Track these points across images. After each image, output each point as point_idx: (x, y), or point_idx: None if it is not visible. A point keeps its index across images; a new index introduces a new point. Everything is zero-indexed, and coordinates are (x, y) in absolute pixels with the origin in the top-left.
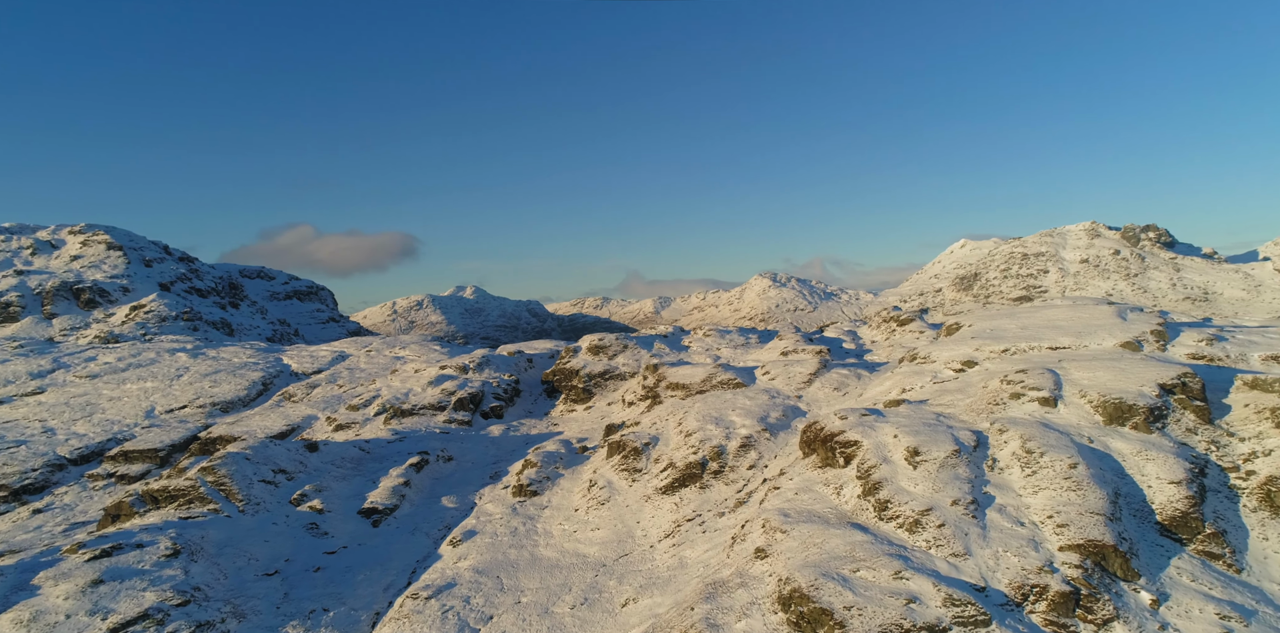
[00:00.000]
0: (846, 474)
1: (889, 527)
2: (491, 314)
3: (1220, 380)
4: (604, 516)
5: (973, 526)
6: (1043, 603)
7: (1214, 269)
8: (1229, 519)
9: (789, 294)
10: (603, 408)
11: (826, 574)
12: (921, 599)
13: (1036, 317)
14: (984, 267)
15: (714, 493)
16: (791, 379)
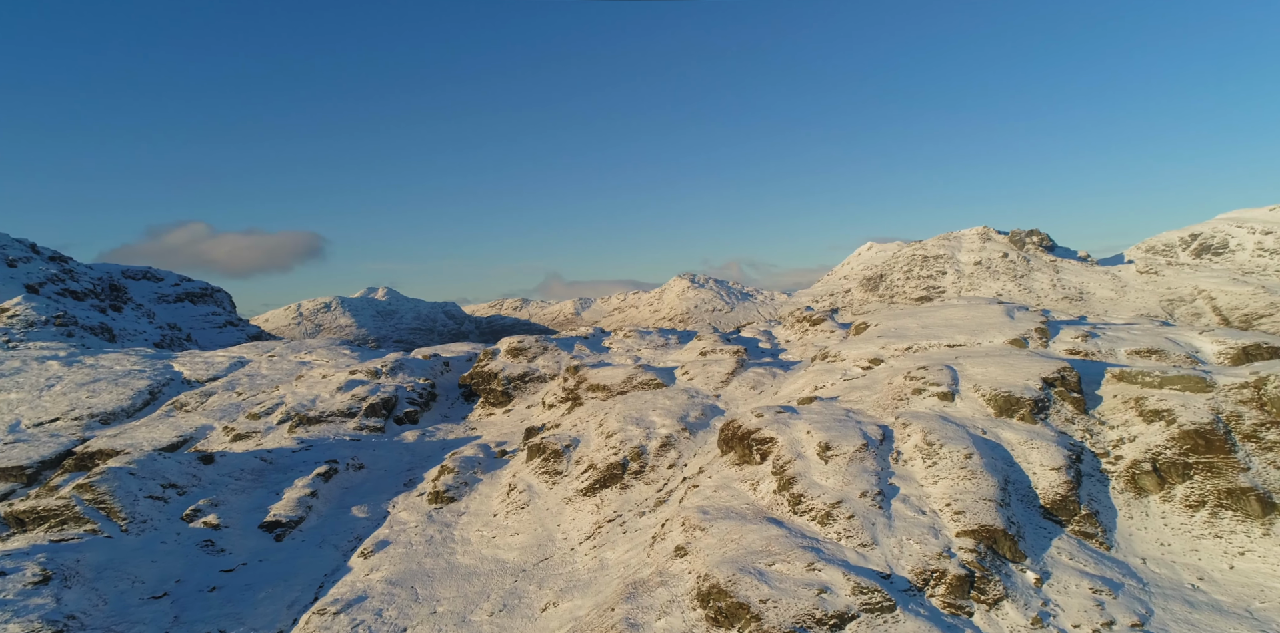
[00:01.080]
0: (763, 471)
1: (803, 520)
2: (405, 317)
3: (1093, 373)
4: (524, 520)
5: (879, 516)
6: (942, 587)
7: (1088, 271)
8: (1101, 501)
9: (707, 295)
10: (522, 411)
11: (744, 569)
12: (832, 589)
13: (936, 316)
14: (889, 268)
15: (635, 493)
16: (710, 379)
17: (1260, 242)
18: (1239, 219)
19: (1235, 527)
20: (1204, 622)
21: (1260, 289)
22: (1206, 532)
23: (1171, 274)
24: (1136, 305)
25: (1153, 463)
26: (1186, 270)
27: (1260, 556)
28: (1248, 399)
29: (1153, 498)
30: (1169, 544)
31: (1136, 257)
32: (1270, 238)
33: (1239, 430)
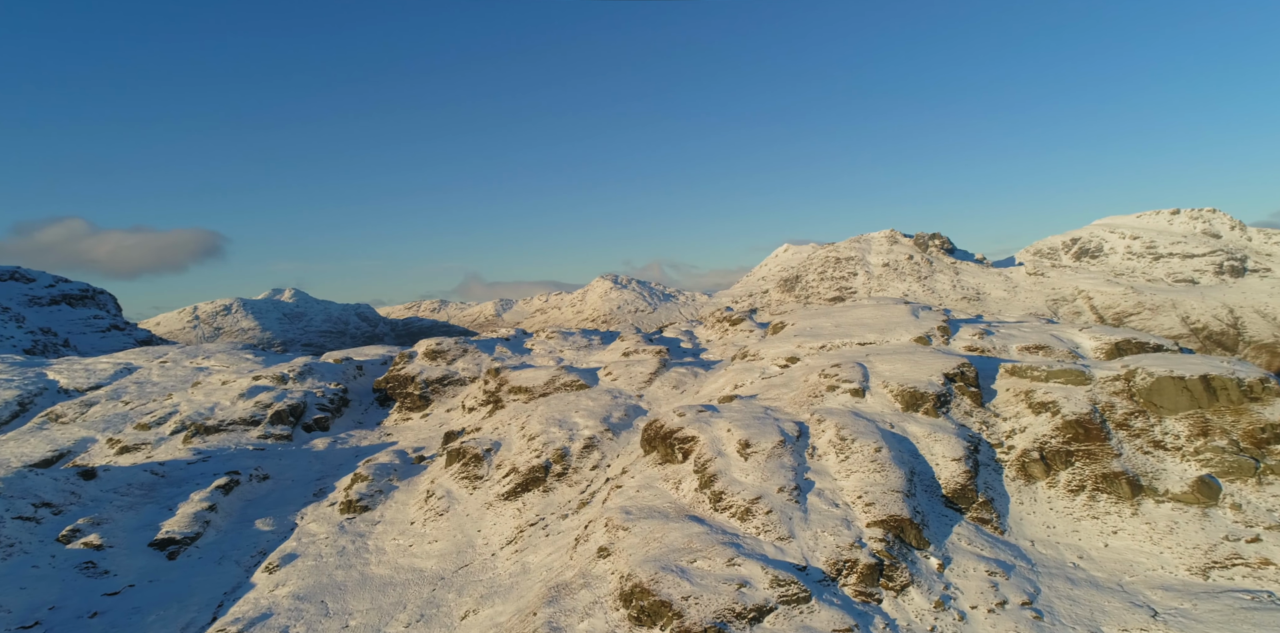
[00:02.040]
0: (685, 469)
1: (723, 517)
2: (315, 319)
3: (989, 369)
4: (443, 527)
5: (796, 510)
6: (853, 576)
7: (984, 273)
8: (996, 488)
9: (630, 296)
10: (441, 415)
11: (666, 567)
12: (752, 583)
13: (848, 316)
14: (804, 269)
15: (557, 496)
16: (633, 379)
17: (1129, 246)
18: (1112, 225)
19: (1109, 508)
20: (1083, 597)
21: (1130, 289)
22: (1086, 514)
23: (1055, 275)
24: (1026, 304)
25: (1040, 451)
26: (1068, 272)
27: (1130, 534)
28: (1120, 391)
29: (1040, 484)
30: (1054, 527)
31: (1025, 259)
32: (1138, 243)
33: (1113, 419)
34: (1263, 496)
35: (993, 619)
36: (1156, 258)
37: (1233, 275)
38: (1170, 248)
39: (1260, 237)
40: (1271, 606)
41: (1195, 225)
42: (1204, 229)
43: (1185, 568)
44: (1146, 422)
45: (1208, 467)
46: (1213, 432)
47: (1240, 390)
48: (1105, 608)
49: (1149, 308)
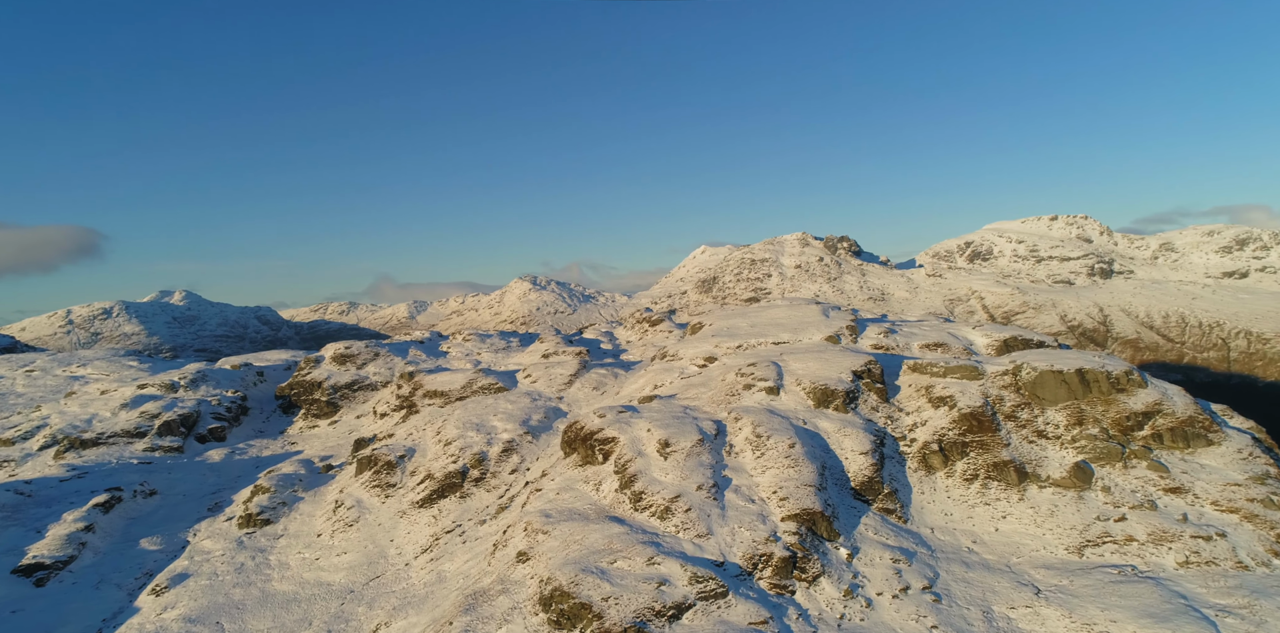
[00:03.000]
0: (605, 470)
1: (643, 516)
2: (209, 323)
3: (893, 366)
4: (352, 538)
5: (714, 507)
6: (769, 569)
7: (888, 274)
8: (900, 480)
9: (549, 297)
10: (351, 421)
11: (586, 569)
12: (671, 581)
13: (763, 316)
14: (721, 271)
15: (475, 501)
16: (553, 381)
17: (1015, 250)
18: (1000, 230)
19: (999, 494)
20: (976, 579)
21: (1016, 290)
22: (979, 501)
23: (952, 277)
24: (926, 304)
25: (939, 443)
26: (963, 274)
27: (1017, 518)
28: (1008, 384)
29: (939, 474)
30: (951, 514)
31: (925, 261)
32: (1022, 246)
33: (1002, 411)
34: (1128, 478)
35: (897, 605)
36: (1039, 260)
37: (1102, 277)
38: (1050, 251)
39: (1125, 242)
40: (1135, 578)
41: (1071, 231)
42: (1078, 234)
43: (1064, 548)
44: (1031, 413)
45: (1082, 453)
46: (1087, 421)
47: (1109, 382)
48: (996, 588)
49: (1033, 307)
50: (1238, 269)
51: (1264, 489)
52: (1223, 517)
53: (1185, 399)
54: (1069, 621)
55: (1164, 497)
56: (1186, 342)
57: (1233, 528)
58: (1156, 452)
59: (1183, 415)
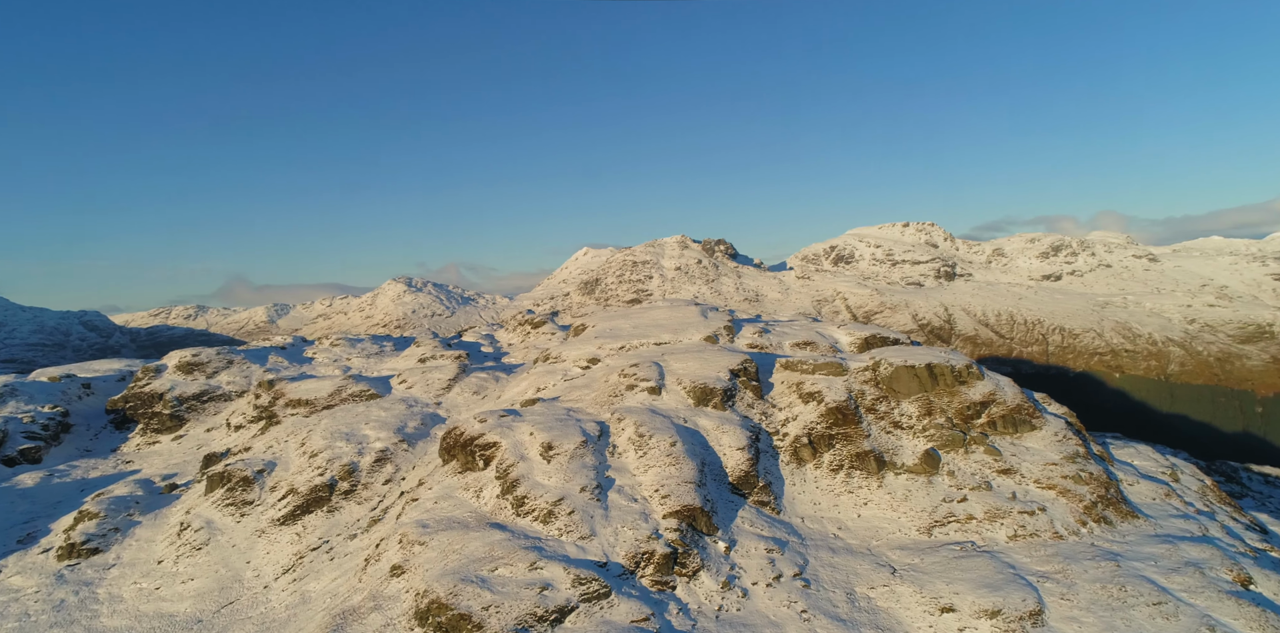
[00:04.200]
0: (487, 476)
1: (526, 521)
2: (20, 329)
3: (767, 364)
4: (201, 562)
5: (597, 508)
6: (650, 566)
7: (762, 276)
8: (774, 473)
9: (426, 299)
10: (200, 436)
11: (465, 579)
12: (554, 585)
13: (645, 317)
14: (603, 273)
15: (345, 515)
16: (430, 386)
17: (874, 254)
18: (861, 235)
19: (862, 483)
20: (841, 563)
21: (875, 291)
22: (844, 489)
23: (819, 279)
24: (796, 305)
25: (809, 436)
26: (828, 276)
27: (877, 504)
28: (869, 379)
29: (809, 466)
30: (819, 503)
31: (795, 264)
32: (880, 251)
33: (864, 405)
34: (969, 462)
35: (770, 592)
36: (894, 264)
37: (946, 279)
38: (903, 256)
39: (965, 247)
40: (974, 553)
41: (920, 237)
42: (926, 240)
43: (916, 529)
44: (888, 405)
45: (932, 441)
46: (935, 411)
47: (953, 376)
48: (858, 571)
49: (889, 307)
50: (1053, 272)
51: (1074, 467)
52: (1043, 493)
53: (1014, 389)
54: (920, 596)
55: (997, 478)
56: (1015, 337)
57: (1050, 503)
58: (992, 437)
59: (1012, 404)
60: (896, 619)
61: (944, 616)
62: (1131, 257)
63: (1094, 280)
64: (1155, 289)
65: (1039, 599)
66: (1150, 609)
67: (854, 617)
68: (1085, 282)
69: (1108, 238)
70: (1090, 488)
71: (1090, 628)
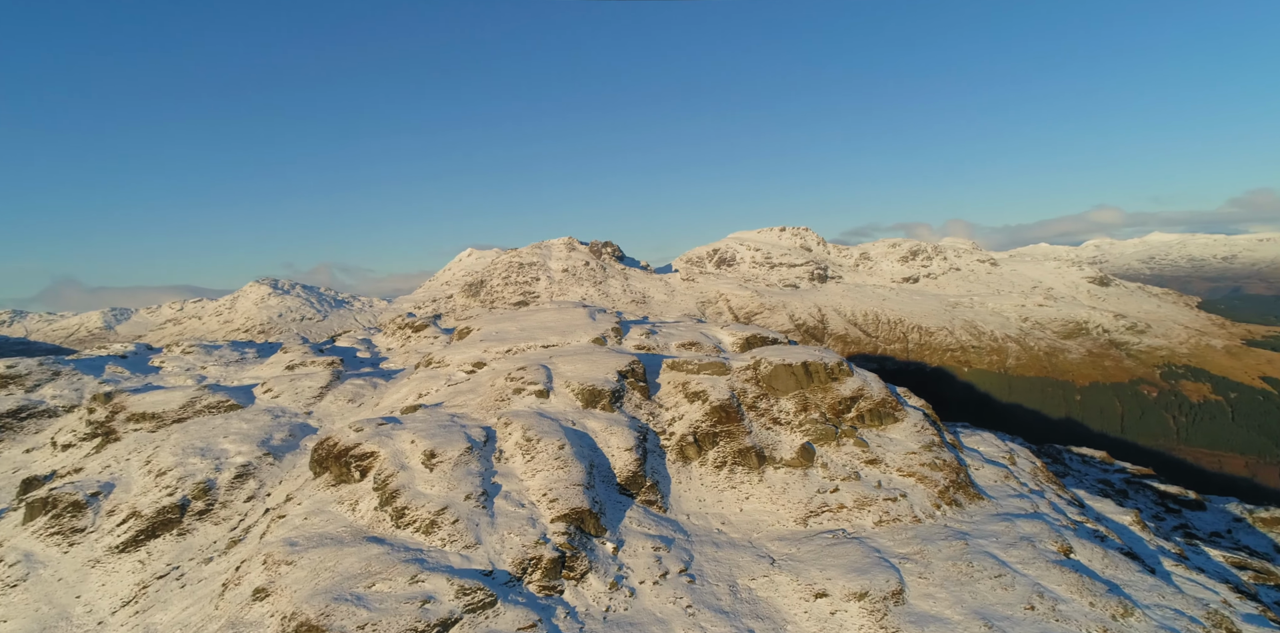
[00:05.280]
0: (363, 488)
1: (406, 533)
2: None
3: (654, 364)
4: (17, 602)
5: (483, 516)
6: (538, 572)
7: (648, 278)
8: (660, 472)
9: (294, 302)
10: (16, 458)
11: (339, 597)
12: (436, 597)
13: (532, 319)
14: (489, 274)
15: (199, 538)
16: (300, 395)
17: (754, 257)
18: (741, 238)
19: (744, 478)
20: (724, 557)
21: (755, 293)
22: (727, 485)
23: (703, 281)
24: (682, 306)
25: (694, 435)
26: (712, 278)
27: (758, 498)
28: (750, 378)
29: (694, 463)
30: (704, 500)
31: (680, 267)
32: (759, 254)
33: (745, 402)
34: (840, 454)
35: (656, 590)
36: (772, 267)
37: (820, 281)
38: (781, 259)
39: (835, 251)
40: (845, 540)
41: (796, 241)
42: (801, 244)
43: (793, 520)
44: (768, 403)
45: (807, 436)
46: (810, 407)
47: (826, 373)
48: (740, 563)
49: (768, 308)
50: (912, 275)
51: (930, 455)
52: (904, 480)
53: (879, 384)
54: (796, 584)
55: (865, 468)
56: (880, 336)
57: (911, 489)
58: (860, 430)
59: (878, 398)
60: (775, 608)
61: (818, 601)
62: (976, 261)
63: (946, 283)
64: (996, 291)
65: (900, 580)
66: (992, 582)
67: (736, 608)
68: (939, 284)
69: (957, 244)
70: (944, 474)
71: (943, 603)
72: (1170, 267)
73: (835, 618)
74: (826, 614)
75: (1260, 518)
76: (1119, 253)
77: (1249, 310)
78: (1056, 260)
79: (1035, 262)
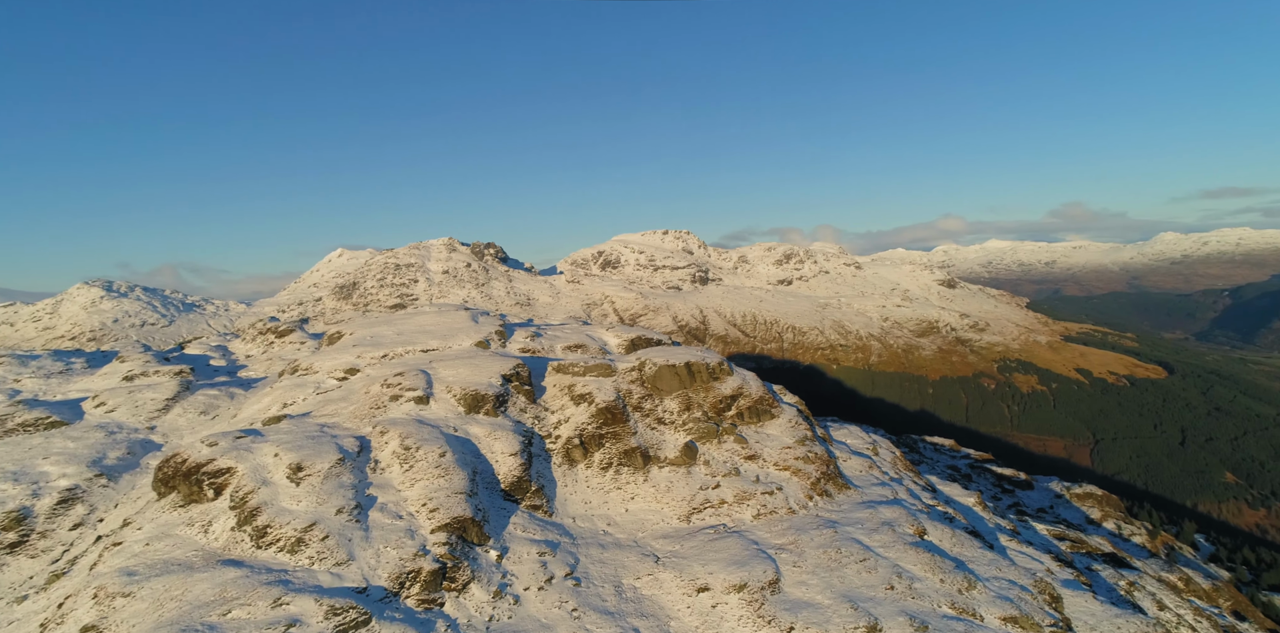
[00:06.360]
0: (218, 507)
1: (269, 553)
2: None
3: (540, 368)
4: None
5: (356, 530)
6: (416, 585)
7: (533, 280)
8: (546, 476)
9: (134, 306)
10: None
11: (188, 629)
12: (303, 620)
13: (410, 323)
14: (362, 276)
15: (10, 574)
16: (141, 408)
17: (638, 259)
18: (625, 241)
19: (629, 478)
20: (610, 558)
21: (639, 295)
22: (613, 486)
23: (588, 283)
24: (567, 308)
25: (580, 437)
26: (597, 280)
27: (643, 497)
28: (635, 379)
29: (580, 466)
30: (590, 501)
31: (565, 269)
32: (643, 257)
33: (631, 403)
34: (721, 451)
35: (541, 596)
36: (656, 269)
37: (701, 284)
38: (664, 261)
39: (716, 254)
40: (726, 534)
41: (678, 244)
42: (683, 247)
43: (677, 517)
44: (653, 403)
45: (691, 434)
46: (693, 406)
47: (708, 372)
48: (625, 563)
49: (653, 310)
50: (786, 278)
51: (804, 449)
52: (780, 474)
53: (757, 383)
54: (680, 580)
55: (745, 464)
56: (757, 336)
57: (786, 482)
58: (740, 427)
59: (756, 396)
60: (659, 605)
61: (700, 595)
62: (843, 265)
63: (817, 285)
64: (860, 293)
65: (776, 569)
66: (858, 566)
67: (621, 608)
68: (810, 286)
69: (826, 248)
70: (816, 467)
71: (815, 589)
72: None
73: (716, 611)
74: (708, 608)
75: (1075, 494)
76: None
77: (1066, 310)
78: (911, 264)
79: (894, 265)
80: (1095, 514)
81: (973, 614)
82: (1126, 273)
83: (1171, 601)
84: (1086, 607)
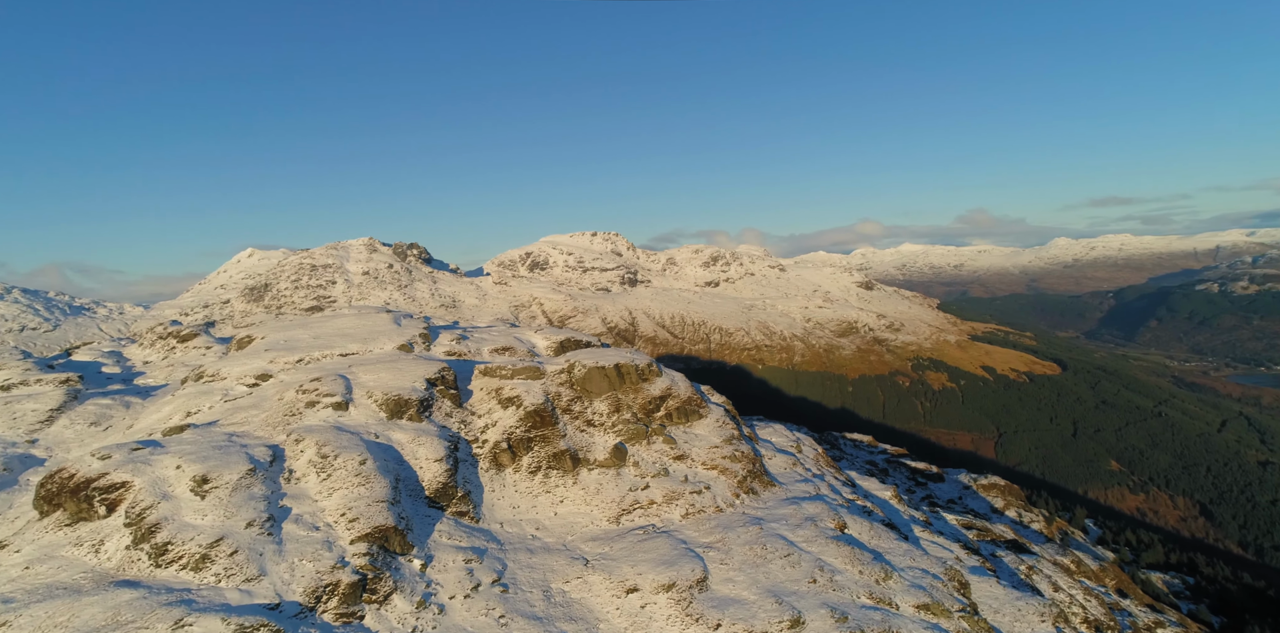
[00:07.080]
0: (111, 524)
1: (170, 572)
2: None
3: (466, 371)
4: None
5: (268, 544)
6: (334, 599)
7: (459, 282)
8: (473, 481)
9: (11, 309)
10: None
11: None
12: None
13: (328, 326)
14: (275, 277)
15: None
16: (20, 421)
17: (567, 260)
18: (554, 242)
19: (558, 481)
20: (538, 563)
21: (568, 297)
22: (542, 490)
23: (516, 285)
24: (494, 310)
25: (508, 441)
26: (525, 282)
27: (573, 500)
28: (564, 381)
29: (508, 470)
30: (518, 506)
31: (492, 270)
32: (572, 258)
33: (560, 406)
34: (650, 452)
35: (468, 604)
36: (585, 271)
37: (630, 285)
38: (593, 263)
39: (644, 256)
40: (655, 535)
41: (607, 246)
42: (612, 249)
43: (607, 519)
44: (583, 405)
45: (620, 436)
46: (623, 408)
47: (637, 374)
48: (554, 567)
49: (582, 311)
50: (713, 280)
51: (731, 448)
52: (708, 473)
53: (686, 383)
54: (609, 582)
55: (673, 464)
56: (686, 337)
57: (713, 481)
58: (669, 428)
59: (684, 397)
60: (588, 608)
61: (629, 596)
62: (768, 267)
63: (743, 287)
64: (784, 294)
65: (704, 568)
66: (783, 561)
67: (550, 613)
68: (736, 288)
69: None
70: (742, 465)
71: (741, 585)
72: (918, 273)
73: (645, 611)
74: (637, 608)
75: (981, 485)
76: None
77: (973, 310)
78: (832, 267)
79: (815, 268)
80: (999, 504)
81: (889, 603)
82: (1025, 276)
83: (1065, 582)
84: (991, 592)
